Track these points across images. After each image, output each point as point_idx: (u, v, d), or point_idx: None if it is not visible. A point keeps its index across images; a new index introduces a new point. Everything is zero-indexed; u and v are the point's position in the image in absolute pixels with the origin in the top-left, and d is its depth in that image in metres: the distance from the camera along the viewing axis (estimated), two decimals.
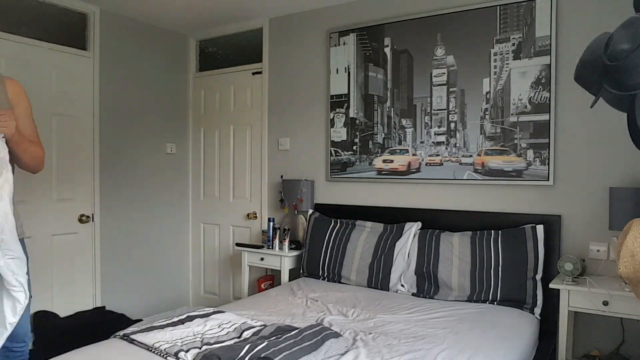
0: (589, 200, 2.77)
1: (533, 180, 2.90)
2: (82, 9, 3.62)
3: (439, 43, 3.20)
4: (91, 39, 3.69)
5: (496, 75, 3.01)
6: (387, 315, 2.46)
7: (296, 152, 3.87)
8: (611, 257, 2.69)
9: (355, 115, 3.55)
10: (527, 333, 2.38)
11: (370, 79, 3.49)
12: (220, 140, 4.33)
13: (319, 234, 3.37)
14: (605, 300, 2.40)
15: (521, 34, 2.92)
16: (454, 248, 2.87)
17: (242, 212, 4.17)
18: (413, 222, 3.13)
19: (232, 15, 3.93)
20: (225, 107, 4.30)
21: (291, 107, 3.88)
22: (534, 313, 2.65)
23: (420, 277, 2.91)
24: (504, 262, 2.73)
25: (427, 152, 3.27)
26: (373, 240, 3.15)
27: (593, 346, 2.74)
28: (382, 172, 3.44)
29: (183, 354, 1.78)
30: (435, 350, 1.96)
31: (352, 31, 3.54)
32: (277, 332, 2.03)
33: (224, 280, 4.29)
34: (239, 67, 4.20)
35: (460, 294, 2.77)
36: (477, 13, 3.05)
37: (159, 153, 4.22)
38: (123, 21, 3.89)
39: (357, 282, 3.10)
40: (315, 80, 3.76)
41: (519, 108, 2.94)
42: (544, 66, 2.86)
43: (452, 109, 3.17)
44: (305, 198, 3.64)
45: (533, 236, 2.73)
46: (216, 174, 4.36)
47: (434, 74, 3.23)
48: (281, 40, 3.93)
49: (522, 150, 2.93)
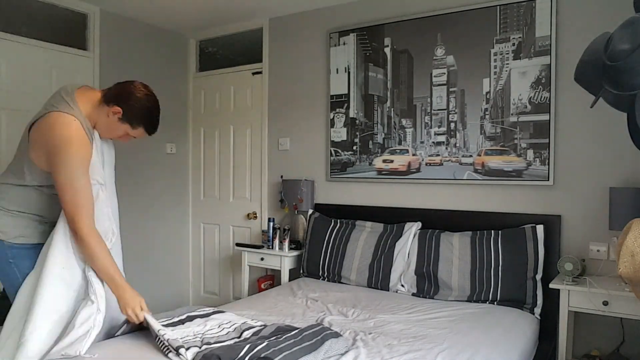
0: (589, 200, 2.77)
1: (533, 180, 2.90)
2: (82, 9, 3.62)
3: (439, 43, 3.20)
4: (91, 39, 3.69)
5: (496, 75, 3.01)
6: (387, 315, 2.45)
7: (296, 152, 3.87)
8: (611, 257, 2.69)
9: (355, 115, 3.55)
10: (527, 333, 2.38)
11: (370, 79, 3.49)
12: (220, 140, 4.33)
13: (319, 234, 3.37)
14: (605, 300, 2.40)
15: (521, 34, 2.92)
16: (454, 248, 2.87)
17: (242, 212, 4.17)
18: (413, 222, 3.13)
19: (232, 15, 3.93)
20: (225, 107, 4.30)
21: (291, 107, 3.88)
22: (534, 313, 2.65)
23: (420, 277, 2.91)
24: (504, 262, 2.73)
25: (427, 152, 3.27)
26: (373, 240, 3.15)
27: (593, 346, 2.74)
28: (382, 172, 3.44)
29: (183, 350, 1.78)
30: (435, 351, 1.96)
31: (352, 31, 3.54)
32: (277, 332, 2.03)
33: (224, 280, 4.29)
34: (239, 67, 4.20)
35: (460, 294, 2.77)
36: (477, 13, 3.05)
37: (159, 153, 4.22)
38: (123, 21, 3.89)
39: (357, 282, 3.10)
40: (315, 80, 3.76)
41: (519, 108, 2.94)
42: (544, 66, 2.86)
43: (452, 109, 3.17)
44: (305, 198, 3.64)
45: (533, 236, 2.73)
46: (216, 174, 4.36)
47: (434, 74, 3.23)
48: (281, 41, 3.93)
49: (522, 150, 2.93)
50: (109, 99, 1.91)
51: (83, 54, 3.64)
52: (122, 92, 1.91)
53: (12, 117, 3.27)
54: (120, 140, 2.06)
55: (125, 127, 1.93)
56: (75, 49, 3.59)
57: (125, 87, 1.93)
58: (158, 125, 2.01)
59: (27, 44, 3.32)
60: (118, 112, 1.89)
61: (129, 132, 1.95)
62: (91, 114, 1.91)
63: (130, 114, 1.90)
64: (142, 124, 1.93)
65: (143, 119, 1.93)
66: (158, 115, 1.98)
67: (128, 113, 1.90)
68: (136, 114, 1.90)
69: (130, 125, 1.93)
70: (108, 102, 1.90)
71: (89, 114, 1.91)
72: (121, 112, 1.89)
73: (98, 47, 3.71)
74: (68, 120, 1.82)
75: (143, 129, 1.95)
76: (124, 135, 1.98)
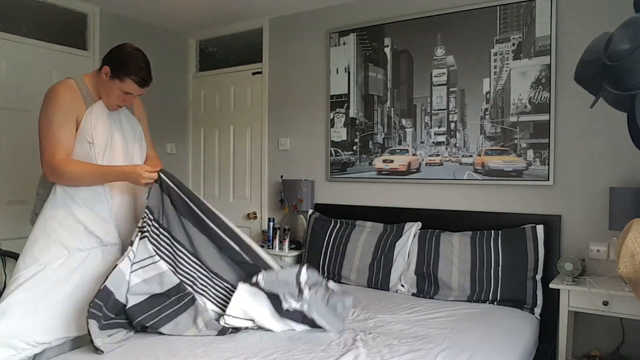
0: (589, 200, 2.77)
1: (533, 180, 2.90)
2: (82, 9, 3.62)
3: (439, 43, 3.20)
4: (91, 39, 3.69)
5: (496, 75, 3.01)
6: (387, 315, 2.45)
7: (296, 152, 3.87)
8: (611, 257, 2.69)
9: (355, 115, 3.55)
10: (527, 333, 2.38)
11: (370, 79, 3.49)
12: (220, 140, 4.33)
13: (319, 234, 3.37)
14: (605, 300, 2.39)
15: (521, 34, 2.92)
16: (454, 248, 2.87)
17: (242, 212, 4.17)
18: (413, 222, 3.13)
19: (232, 15, 3.93)
20: (225, 107, 4.30)
21: (291, 107, 3.88)
22: (534, 313, 2.65)
23: (420, 277, 2.91)
24: (504, 262, 2.73)
25: (427, 152, 3.27)
26: (373, 240, 3.15)
27: (593, 346, 2.74)
28: (382, 172, 3.44)
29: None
30: (435, 351, 1.95)
31: (352, 31, 3.54)
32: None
33: None
34: (239, 67, 4.20)
35: (460, 294, 2.77)
36: (477, 13, 3.05)
37: (158, 153, 4.19)
38: (123, 21, 3.89)
39: (357, 282, 3.10)
40: (315, 80, 3.76)
41: (519, 108, 2.94)
42: (544, 66, 2.86)
43: (452, 109, 3.17)
44: (305, 198, 3.64)
45: (533, 236, 2.73)
46: (216, 174, 4.36)
47: (434, 74, 3.23)
48: (281, 40, 3.93)
49: (522, 150, 2.93)
50: (102, 63, 2.05)
51: (83, 54, 3.64)
52: (111, 53, 2.05)
53: (12, 117, 3.27)
54: (124, 105, 2.13)
55: (117, 84, 2.01)
56: (75, 49, 3.59)
57: (114, 48, 2.07)
58: (150, 78, 2.06)
59: (27, 44, 3.32)
60: (107, 71, 2.00)
61: (122, 88, 2.02)
62: (95, 85, 2.06)
63: (117, 69, 1.99)
64: (128, 74, 1.99)
65: (130, 70, 1.99)
66: (146, 67, 2.04)
67: (115, 68, 1.99)
68: (122, 67, 1.98)
69: (119, 79, 2.00)
70: (101, 67, 2.04)
71: (94, 86, 2.06)
72: (109, 70, 2.00)
73: (98, 47, 3.70)
74: (61, 81, 2.03)
75: (132, 81, 2.01)
76: (120, 94, 2.04)
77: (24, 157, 3.29)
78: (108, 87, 2.03)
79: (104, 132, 2.07)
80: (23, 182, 3.26)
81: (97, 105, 2.07)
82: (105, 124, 2.07)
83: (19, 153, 3.28)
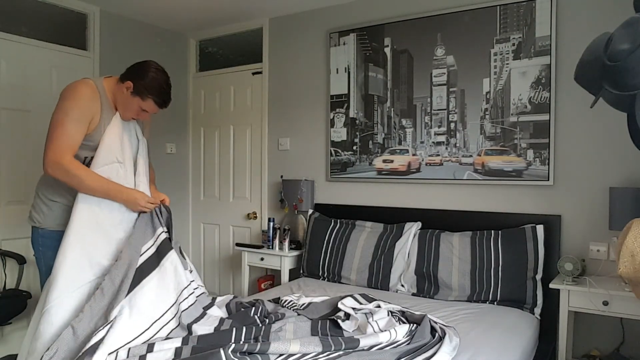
0: (589, 200, 2.77)
1: (533, 180, 2.90)
2: (82, 9, 3.62)
3: (439, 43, 3.20)
4: (91, 39, 3.69)
5: (496, 75, 3.01)
6: None
7: (296, 152, 3.87)
8: (611, 257, 2.69)
9: (355, 115, 3.55)
10: (527, 333, 2.38)
11: (370, 79, 3.49)
12: (220, 140, 4.33)
13: (319, 234, 3.37)
14: (605, 300, 2.40)
15: (521, 34, 2.92)
16: (454, 248, 2.87)
17: (242, 212, 4.17)
18: (413, 222, 3.13)
19: (232, 15, 3.93)
20: (225, 107, 4.30)
21: (291, 107, 3.88)
22: (534, 313, 2.65)
23: (420, 277, 2.91)
24: (504, 262, 2.73)
25: (427, 152, 3.27)
26: (373, 240, 3.15)
27: (593, 346, 2.74)
28: (382, 172, 3.44)
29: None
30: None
31: (352, 31, 3.54)
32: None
33: (224, 280, 4.29)
34: (239, 67, 4.20)
35: (460, 294, 2.77)
36: (477, 13, 3.05)
37: (159, 153, 4.21)
38: (123, 21, 3.89)
39: (357, 282, 3.10)
40: (315, 80, 3.76)
41: (519, 108, 2.94)
42: (544, 66, 2.86)
43: (452, 109, 3.17)
44: (305, 198, 3.64)
45: (533, 236, 2.73)
46: (216, 174, 4.36)
47: (434, 74, 3.23)
48: (281, 40, 3.93)
49: (522, 150, 2.93)
50: (124, 76, 2.07)
51: (83, 54, 3.64)
52: (135, 68, 2.06)
53: (12, 117, 3.27)
54: (140, 119, 2.19)
55: (137, 101, 2.05)
56: (75, 49, 3.59)
57: (139, 64, 2.08)
58: (169, 100, 2.12)
59: (27, 44, 3.32)
60: (130, 86, 2.03)
61: (141, 106, 2.06)
62: (114, 93, 2.09)
63: (140, 87, 2.03)
64: (151, 95, 2.04)
65: (152, 90, 2.04)
66: (168, 89, 2.09)
67: (138, 86, 2.02)
68: (145, 86, 2.02)
69: (140, 97, 2.04)
70: (123, 79, 2.06)
71: (112, 93, 2.09)
72: (132, 86, 2.02)
73: (98, 47, 3.71)
74: (81, 80, 2.04)
75: (152, 101, 2.06)
76: (138, 110, 2.08)
77: (24, 157, 3.30)
78: (127, 101, 2.06)
79: (127, 150, 2.12)
80: (23, 182, 3.27)
81: (117, 117, 2.10)
82: (126, 139, 2.12)
83: (19, 153, 3.28)
